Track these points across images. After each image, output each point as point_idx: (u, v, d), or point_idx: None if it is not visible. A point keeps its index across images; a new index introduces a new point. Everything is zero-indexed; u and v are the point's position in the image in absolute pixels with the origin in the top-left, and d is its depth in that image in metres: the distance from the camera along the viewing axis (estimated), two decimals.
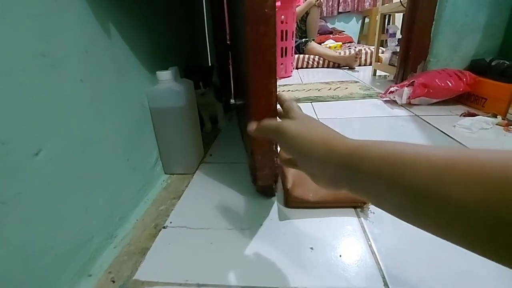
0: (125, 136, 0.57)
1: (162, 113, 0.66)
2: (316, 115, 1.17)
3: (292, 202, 0.58)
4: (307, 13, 2.62)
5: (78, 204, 0.44)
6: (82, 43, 0.45)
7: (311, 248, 0.48)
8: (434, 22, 1.29)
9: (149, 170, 0.68)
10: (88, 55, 0.46)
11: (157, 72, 0.64)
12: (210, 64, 1.31)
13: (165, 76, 0.64)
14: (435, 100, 1.19)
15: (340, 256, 0.46)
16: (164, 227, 0.55)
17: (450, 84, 1.13)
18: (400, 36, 1.54)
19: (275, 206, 0.60)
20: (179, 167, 0.74)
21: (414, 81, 1.19)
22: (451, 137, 0.88)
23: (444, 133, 0.91)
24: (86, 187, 0.46)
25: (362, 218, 0.54)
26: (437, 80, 1.15)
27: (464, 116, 1.03)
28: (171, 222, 0.56)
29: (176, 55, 0.89)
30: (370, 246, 0.48)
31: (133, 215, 0.59)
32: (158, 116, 0.67)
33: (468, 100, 1.17)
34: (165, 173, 0.75)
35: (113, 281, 0.45)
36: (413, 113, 1.13)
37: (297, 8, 2.38)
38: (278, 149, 0.56)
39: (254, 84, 0.50)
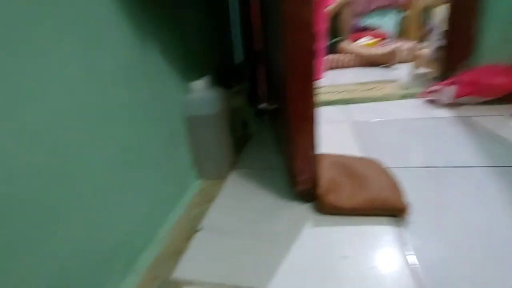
0: (163, 143, 0.61)
1: (196, 121, 0.70)
2: (350, 118, 1.13)
3: (326, 208, 0.57)
4: (339, 12, 2.56)
5: (125, 206, 0.48)
6: (124, 60, 0.50)
7: (345, 257, 0.47)
8: (480, 14, 1.18)
9: (184, 175, 0.71)
10: (129, 71, 0.51)
11: (190, 82, 0.67)
12: (239, 63, 1.34)
13: (199, 85, 0.67)
14: (484, 99, 1.08)
15: (376, 267, 0.44)
16: (198, 230, 0.58)
17: (501, 81, 1.02)
18: (443, 30, 1.44)
19: (309, 212, 0.59)
20: (212, 172, 0.76)
21: (459, 79, 1.10)
22: (505, 139, 0.80)
23: (496, 135, 0.83)
24: (132, 191, 0.50)
25: (399, 228, 0.52)
26: (486, 77, 1.05)
27: None
28: (205, 226, 0.59)
29: (208, 63, 0.93)
30: (408, 258, 0.45)
31: (170, 217, 0.62)
32: (192, 124, 0.71)
33: None
34: (199, 178, 0.78)
35: (154, 279, 0.48)
36: (458, 113, 1.04)
37: (328, 8, 2.33)
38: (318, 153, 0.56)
39: (292, 90, 0.51)
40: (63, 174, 0.37)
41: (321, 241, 0.51)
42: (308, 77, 0.50)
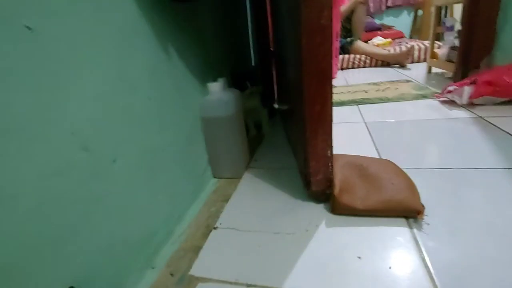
0: (182, 144, 0.64)
1: (212, 122, 0.72)
2: (363, 118, 1.13)
3: (339, 209, 0.58)
4: (352, 12, 2.53)
5: (146, 203, 0.51)
6: (149, 65, 0.52)
7: (359, 257, 0.47)
8: (499, 11, 1.15)
9: (200, 174, 0.73)
10: (154, 76, 0.53)
11: (208, 84, 0.69)
12: (253, 65, 1.36)
13: (215, 87, 0.69)
14: (502, 99, 1.06)
15: (390, 268, 0.45)
16: (215, 228, 0.60)
17: None
18: (459, 29, 1.41)
19: (322, 212, 0.60)
20: (227, 171, 0.78)
21: (476, 79, 1.08)
22: None
23: None
24: (152, 189, 0.52)
25: (415, 229, 0.52)
26: (505, 77, 1.02)
27: None
28: (221, 224, 0.61)
29: (224, 65, 0.95)
30: (423, 259, 0.45)
31: (188, 214, 0.64)
32: (208, 125, 0.73)
33: None
34: (214, 177, 0.80)
35: (172, 275, 0.50)
36: (475, 114, 1.02)
37: (341, 8, 2.31)
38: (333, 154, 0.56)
39: (309, 92, 0.52)
40: (93, 173, 0.39)
41: (335, 241, 0.52)
42: (325, 79, 0.51)
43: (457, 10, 2.04)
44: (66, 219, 0.35)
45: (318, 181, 0.60)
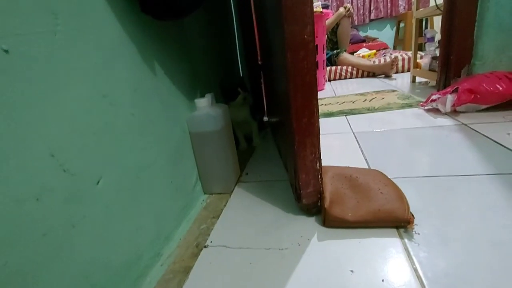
0: (169, 160, 0.63)
1: (201, 137, 0.71)
2: (352, 128, 1.14)
3: (330, 221, 0.57)
4: (337, 24, 2.62)
5: (131, 224, 0.49)
6: (133, 82, 0.52)
7: (352, 271, 0.47)
8: (476, 23, 1.20)
9: (190, 190, 0.72)
10: (138, 92, 0.53)
11: (195, 100, 0.69)
12: (240, 76, 1.37)
13: (203, 103, 0.69)
14: (484, 106, 1.09)
15: (383, 280, 0.44)
16: (205, 246, 0.58)
17: (500, 88, 1.04)
18: (439, 40, 1.47)
19: (314, 225, 0.59)
20: (218, 186, 0.77)
21: (458, 87, 1.11)
22: (505, 146, 0.80)
23: (496, 142, 0.84)
24: (138, 209, 0.51)
25: (406, 240, 0.52)
26: (484, 84, 1.06)
27: None
28: (211, 242, 0.59)
29: (211, 80, 0.95)
30: (415, 270, 0.45)
31: (177, 234, 0.63)
32: (197, 140, 0.72)
33: None
34: (204, 193, 0.79)
35: None
36: (459, 121, 1.05)
37: (327, 21, 2.38)
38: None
39: (296, 105, 0.53)
40: (73, 196, 0.38)
41: (327, 255, 0.51)
42: (310, 93, 0.52)
43: (437, 22, 2.13)
44: (42, 246, 0.33)
45: (309, 194, 0.60)
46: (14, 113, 0.31)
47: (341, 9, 2.50)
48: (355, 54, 2.75)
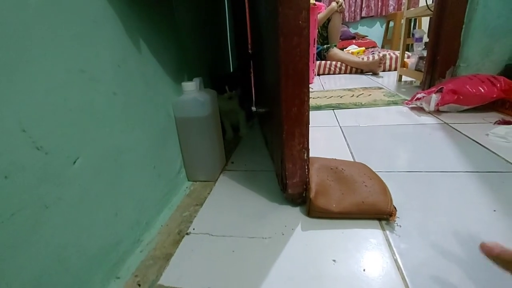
0: (152, 145, 0.60)
1: (187, 123, 0.69)
2: (339, 122, 1.15)
3: (315, 212, 0.58)
4: (328, 19, 2.61)
5: (109, 209, 0.47)
6: (116, 58, 0.49)
7: (334, 261, 0.47)
8: (464, 26, 1.23)
9: (173, 177, 0.70)
10: (121, 69, 0.50)
11: (182, 83, 0.67)
12: (234, 71, 1.35)
13: (190, 87, 0.66)
14: (465, 107, 1.13)
15: (364, 270, 0.45)
16: (187, 233, 0.57)
17: (482, 90, 1.07)
18: (427, 40, 1.49)
19: (298, 215, 0.59)
20: (202, 174, 0.76)
21: (442, 87, 1.14)
22: (484, 146, 0.83)
23: (476, 142, 0.87)
24: (117, 193, 0.48)
25: (387, 231, 0.53)
26: (468, 86, 1.10)
27: (498, 124, 0.97)
28: (194, 229, 0.58)
29: (200, 66, 0.92)
30: (396, 261, 0.46)
31: (158, 220, 0.61)
32: (183, 125, 0.70)
33: (502, 107, 1.10)
34: (188, 180, 0.77)
35: (139, 285, 0.46)
36: (441, 120, 1.08)
37: (319, 15, 2.37)
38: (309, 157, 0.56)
39: (286, 93, 0.52)
40: (47, 175, 0.35)
41: (310, 245, 0.51)
42: (302, 81, 0.50)
43: (426, 22, 2.17)
44: (10, 227, 0.31)
45: (295, 184, 0.60)
46: None
47: (334, 4, 2.49)
48: (344, 50, 2.77)
